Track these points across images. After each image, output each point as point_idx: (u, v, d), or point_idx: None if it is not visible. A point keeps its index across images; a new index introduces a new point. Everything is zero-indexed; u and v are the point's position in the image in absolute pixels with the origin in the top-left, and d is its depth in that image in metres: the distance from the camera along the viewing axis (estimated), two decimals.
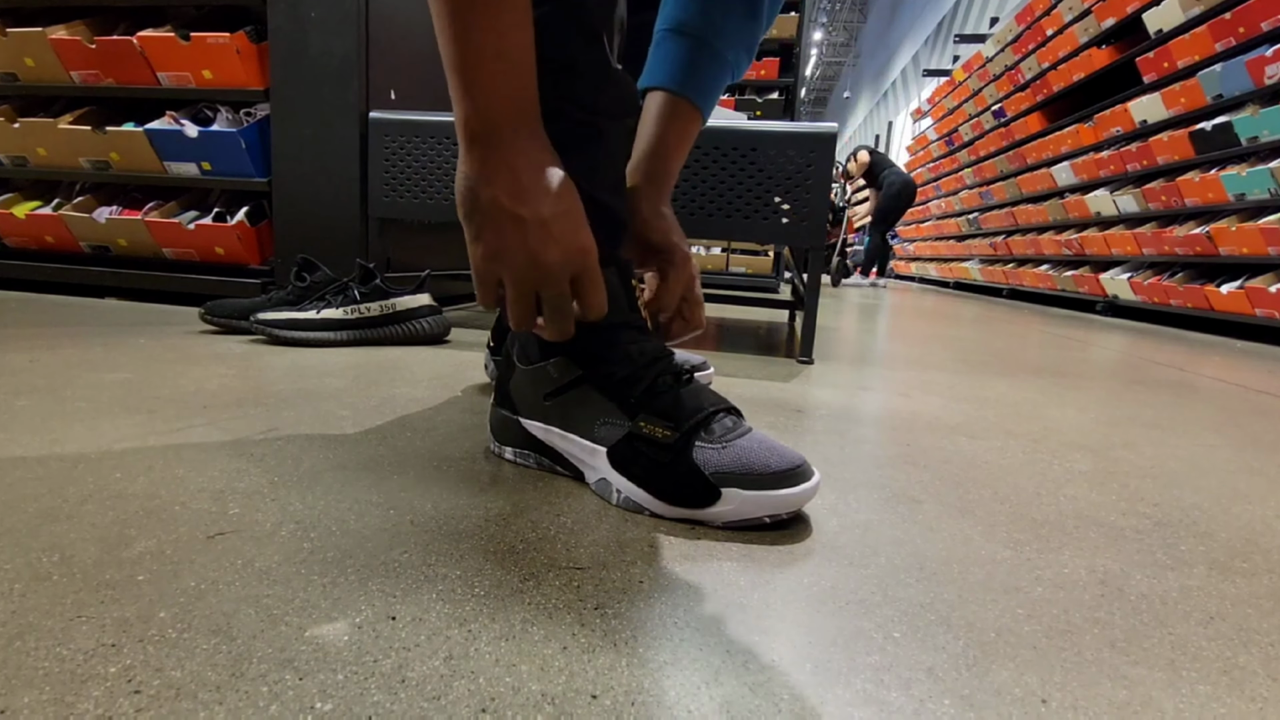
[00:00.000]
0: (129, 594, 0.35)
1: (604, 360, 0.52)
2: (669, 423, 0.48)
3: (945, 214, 6.42)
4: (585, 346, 0.52)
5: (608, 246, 0.51)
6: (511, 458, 0.59)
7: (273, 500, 0.48)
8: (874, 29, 15.54)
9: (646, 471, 0.48)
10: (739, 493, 0.45)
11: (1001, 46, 5.05)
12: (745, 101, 3.48)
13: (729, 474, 0.46)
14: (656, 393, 0.50)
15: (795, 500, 0.46)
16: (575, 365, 0.53)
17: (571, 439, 0.53)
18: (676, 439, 0.47)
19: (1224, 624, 0.39)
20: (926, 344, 1.69)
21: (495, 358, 0.72)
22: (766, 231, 1.20)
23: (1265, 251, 2.50)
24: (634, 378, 0.51)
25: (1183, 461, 0.73)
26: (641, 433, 0.49)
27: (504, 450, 0.59)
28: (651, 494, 0.48)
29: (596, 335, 0.52)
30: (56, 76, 1.56)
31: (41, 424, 0.62)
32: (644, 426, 0.49)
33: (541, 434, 0.56)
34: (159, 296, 1.59)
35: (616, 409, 0.51)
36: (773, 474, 0.46)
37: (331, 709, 0.27)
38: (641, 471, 0.48)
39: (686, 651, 0.33)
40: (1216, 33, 2.75)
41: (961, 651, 0.34)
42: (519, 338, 0.57)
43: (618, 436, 0.50)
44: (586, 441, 0.52)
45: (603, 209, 0.52)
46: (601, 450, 0.51)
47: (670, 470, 0.47)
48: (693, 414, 0.48)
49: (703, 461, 0.47)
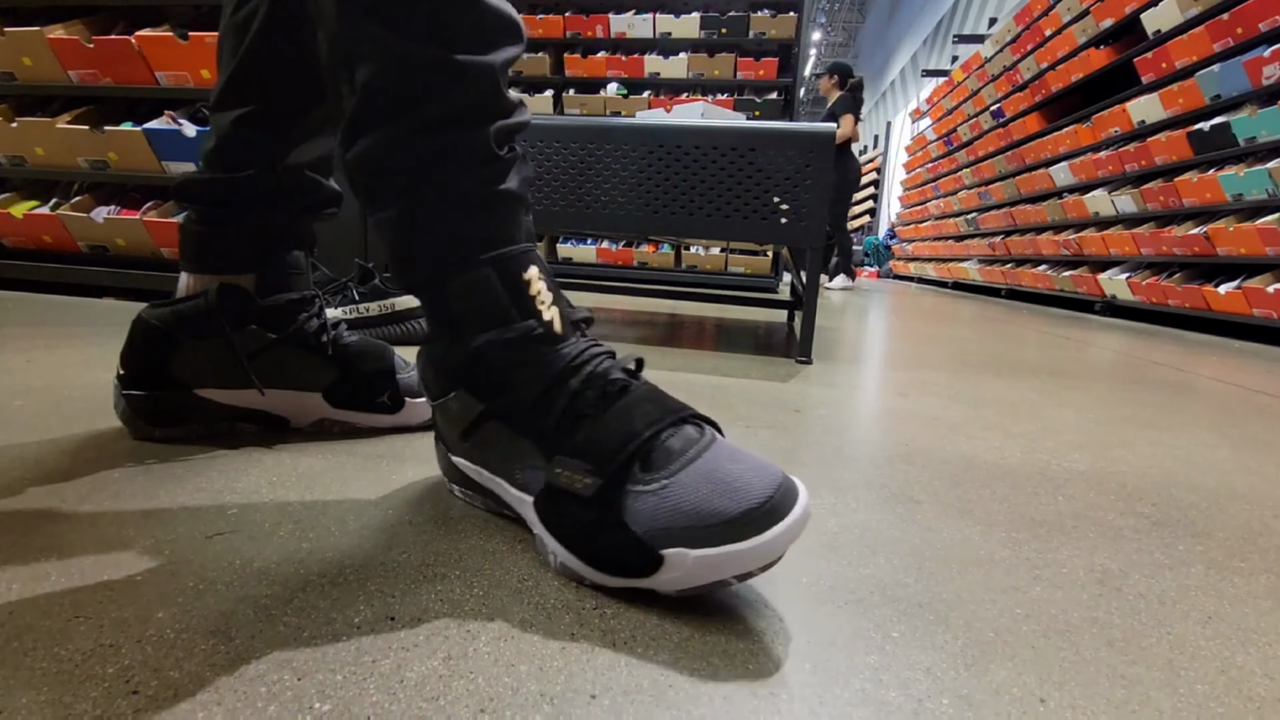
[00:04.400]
0: (127, 594, 0.35)
1: (505, 386, 0.41)
2: (588, 465, 0.37)
3: (944, 214, 6.43)
4: (478, 372, 0.42)
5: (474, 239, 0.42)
6: (460, 496, 0.50)
7: (271, 500, 0.48)
8: (872, 29, 15.55)
9: (576, 531, 0.37)
10: (686, 554, 0.34)
11: (1000, 47, 5.06)
12: (744, 102, 3.48)
13: (668, 530, 0.35)
14: (577, 418, 0.39)
15: (764, 552, 0.34)
16: (474, 398, 0.43)
17: (499, 483, 0.44)
18: (598, 489, 0.36)
19: (1222, 623, 0.39)
20: (925, 344, 1.70)
21: (125, 391, 0.58)
22: (765, 231, 1.20)
23: (1263, 252, 2.50)
24: (544, 404, 0.40)
25: (1181, 461, 0.73)
26: (559, 483, 0.38)
27: (453, 488, 0.50)
28: (583, 560, 0.37)
29: (487, 355, 0.41)
30: (54, 76, 1.55)
31: (40, 424, 0.62)
32: (560, 474, 0.38)
33: (474, 474, 0.46)
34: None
35: (532, 447, 0.40)
36: (727, 522, 0.34)
37: (330, 709, 0.27)
38: (571, 531, 0.38)
39: (685, 651, 0.33)
40: (1214, 33, 2.75)
41: (960, 651, 0.34)
42: (419, 368, 0.48)
43: (539, 485, 0.40)
44: (512, 490, 0.42)
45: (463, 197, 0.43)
46: (529, 500, 0.41)
47: (596, 531, 0.36)
48: (618, 448, 0.37)
49: (635, 515, 0.36)
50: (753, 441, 0.70)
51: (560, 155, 1.29)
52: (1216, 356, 1.86)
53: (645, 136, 1.24)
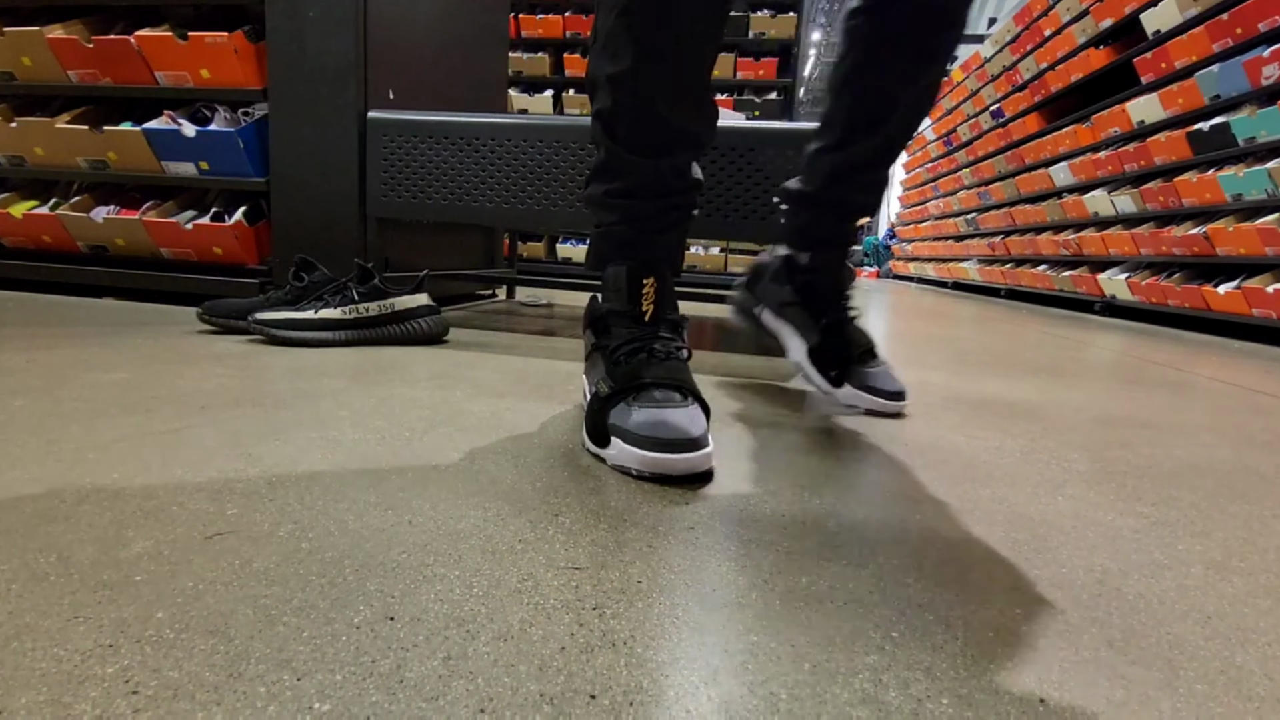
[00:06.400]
0: (126, 594, 0.35)
1: (606, 333, 0.69)
2: (612, 383, 0.62)
3: (943, 214, 6.43)
4: (598, 326, 0.70)
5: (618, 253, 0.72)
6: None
7: (271, 500, 0.48)
8: None
9: (590, 413, 0.63)
10: (619, 443, 0.57)
11: (999, 47, 5.06)
12: (744, 102, 3.48)
13: (618, 428, 0.58)
14: (619, 364, 0.64)
15: (657, 463, 0.55)
16: (595, 336, 0.70)
17: (585, 383, 0.72)
18: (608, 395, 0.61)
19: (1221, 623, 0.39)
20: (925, 344, 1.70)
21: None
22: (766, 231, 1.20)
23: (1262, 252, 2.50)
24: (614, 352, 0.65)
25: (1180, 461, 0.73)
26: (599, 390, 0.63)
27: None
28: (585, 429, 0.63)
29: (604, 319, 0.69)
30: (54, 76, 1.55)
31: (38, 424, 0.62)
32: (601, 384, 0.63)
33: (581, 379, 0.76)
34: (156, 296, 1.58)
35: (604, 371, 0.65)
36: (650, 438, 0.55)
37: (330, 709, 0.27)
38: (587, 413, 0.64)
39: (685, 651, 0.33)
40: (1214, 33, 2.75)
41: (960, 651, 0.34)
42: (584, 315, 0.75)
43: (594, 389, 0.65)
44: (589, 388, 0.67)
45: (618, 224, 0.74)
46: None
47: (595, 414, 0.61)
48: (628, 383, 0.61)
49: (612, 415, 0.59)
50: (753, 441, 0.70)
51: (560, 155, 1.29)
52: (1216, 356, 1.86)
53: None
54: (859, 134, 0.82)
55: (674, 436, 0.56)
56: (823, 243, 0.90)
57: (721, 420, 0.78)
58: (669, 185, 0.73)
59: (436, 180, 1.36)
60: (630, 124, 0.68)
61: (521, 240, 3.37)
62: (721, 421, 0.77)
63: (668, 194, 0.73)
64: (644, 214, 0.73)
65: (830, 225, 0.89)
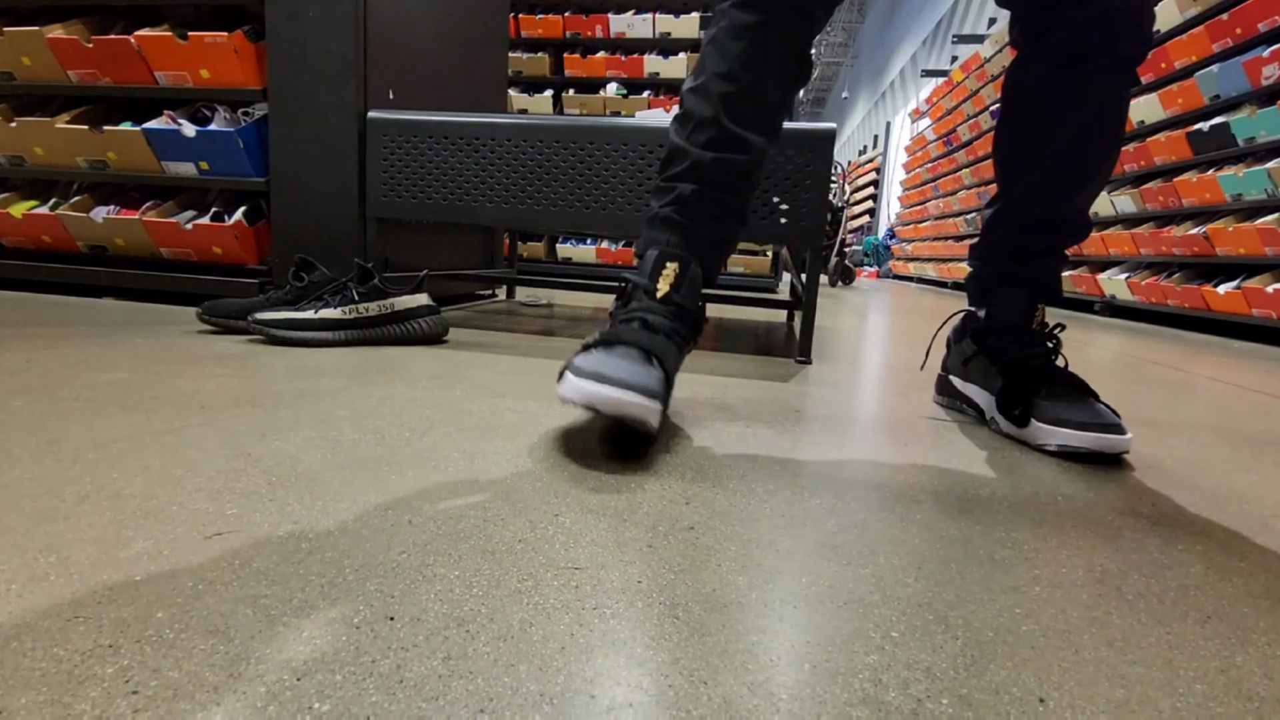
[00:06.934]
0: (126, 594, 0.35)
1: (620, 304, 0.75)
2: (597, 337, 0.68)
3: (944, 214, 6.43)
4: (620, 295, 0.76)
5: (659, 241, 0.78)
6: None
7: (271, 500, 0.48)
8: (872, 29, 15.56)
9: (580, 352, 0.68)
10: (568, 375, 0.62)
11: (1000, 47, 5.06)
12: None
13: (574, 365, 0.63)
14: (619, 323, 0.71)
15: (590, 395, 0.59)
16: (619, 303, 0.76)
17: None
18: (591, 344, 0.67)
19: (1221, 623, 0.39)
20: (925, 344, 1.70)
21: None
22: (765, 231, 1.20)
23: (1262, 252, 2.50)
24: (614, 314, 0.74)
25: (1180, 461, 0.73)
26: (593, 340, 0.69)
27: None
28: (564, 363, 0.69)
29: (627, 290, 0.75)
30: (54, 75, 1.55)
31: (38, 424, 0.62)
32: (599, 336, 0.69)
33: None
34: (156, 296, 1.58)
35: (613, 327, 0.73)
36: (593, 373, 0.60)
37: (329, 709, 0.27)
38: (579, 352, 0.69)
39: (685, 651, 0.33)
40: (1214, 33, 2.75)
41: (959, 651, 0.34)
42: None
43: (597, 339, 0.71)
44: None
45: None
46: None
47: (577, 354, 0.66)
48: (605, 338, 0.68)
49: (575, 357, 0.65)
50: (753, 441, 0.70)
51: (560, 155, 1.29)
52: (1216, 356, 1.86)
53: (645, 137, 1.24)
54: (1010, 180, 0.88)
55: (616, 376, 0.60)
56: (997, 285, 0.87)
57: (721, 420, 0.78)
58: (715, 178, 0.77)
59: (436, 180, 1.36)
60: (694, 125, 0.77)
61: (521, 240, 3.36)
62: (721, 421, 0.77)
63: (710, 183, 0.77)
64: (685, 198, 0.77)
65: (1002, 267, 0.88)
